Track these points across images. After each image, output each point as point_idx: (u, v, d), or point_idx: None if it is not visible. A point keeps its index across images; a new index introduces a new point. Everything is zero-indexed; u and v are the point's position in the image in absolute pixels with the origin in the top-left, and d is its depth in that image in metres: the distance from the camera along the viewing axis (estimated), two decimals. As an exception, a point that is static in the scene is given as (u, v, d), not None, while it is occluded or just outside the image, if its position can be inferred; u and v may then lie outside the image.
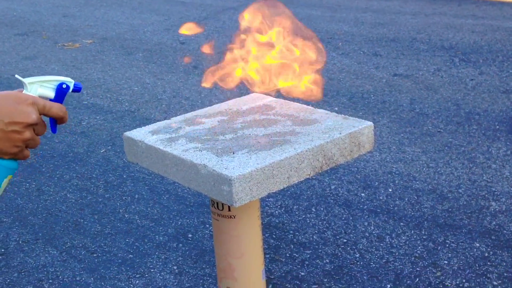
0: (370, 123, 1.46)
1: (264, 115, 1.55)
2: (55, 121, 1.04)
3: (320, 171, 1.38)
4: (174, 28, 6.41)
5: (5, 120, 0.95)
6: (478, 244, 2.43)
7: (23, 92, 1.03)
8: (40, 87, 1.03)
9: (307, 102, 1.58)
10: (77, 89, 1.06)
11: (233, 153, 1.32)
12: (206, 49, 1.80)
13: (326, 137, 1.38)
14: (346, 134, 1.40)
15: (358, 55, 5.05)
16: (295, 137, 1.39)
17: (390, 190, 2.89)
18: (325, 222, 2.67)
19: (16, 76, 1.08)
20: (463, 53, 4.86)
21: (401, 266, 2.33)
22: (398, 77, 4.44)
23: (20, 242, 2.67)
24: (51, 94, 1.04)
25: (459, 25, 5.69)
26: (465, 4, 6.54)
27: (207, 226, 2.69)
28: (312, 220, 2.69)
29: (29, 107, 0.97)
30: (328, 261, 2.40)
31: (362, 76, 4.52)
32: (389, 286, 2.24)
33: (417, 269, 2.31)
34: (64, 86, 1.04)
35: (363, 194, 2.87)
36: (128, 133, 1.51)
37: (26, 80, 1.03)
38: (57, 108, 1.02)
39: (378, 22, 6.03)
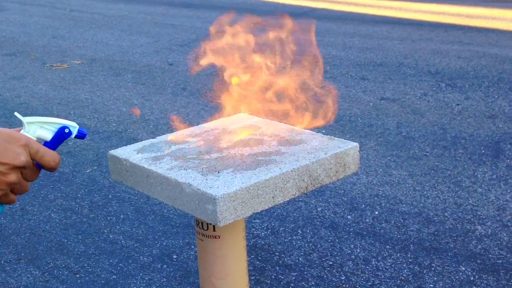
0: (355, 144, 1.46)
1: (250, 134, 1.55)
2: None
3: (305, 192, 1.37)
4: (163, 50, 6.43)
5: None
6: (463, 268, 2.42)
7: (21, 131, 0.94)
8: (40, 128, 0.95)
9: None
10: (81, 136, 0.96)
11: (218, 172, 1.32)
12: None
13: (311, 157, 1.38)
14: (331, 154, 1.40)
15: (345, 78, 5.08)
16: (280, 157, 1.39)
17: (376, 212, 2.89)
18: (311, 244, 2.66)
19: (16, 114, 0.99)
20: (449, 78, 4.91)
21: (387, 289, 2.32)
22: (385, 101, 4.47)
23: (2, 262, 2.63)
24: (49, 137, 0.95)
25: (445, 50, 5.76)
26: (452, 31, 6.63)
27: (192, 247, 2.67)
28: (298, 242, 2.68)
29: (19, 148, 0.88)
30: (313, 283, 2.38)
31: (349, 100, 4.54)
32: (374, 309, 2.22)
33: (403, 292, 2.30)
34: (66, 130, 0.95)
35: (349, 217, 2.87)
36: (113, 152, 1.50)
37: (25, 120, 0.94)
38: (50, 157, 0.92)
39: (365, 47, 6.09)
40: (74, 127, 0.96)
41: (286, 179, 1.32)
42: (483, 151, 3.51)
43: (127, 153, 1.48)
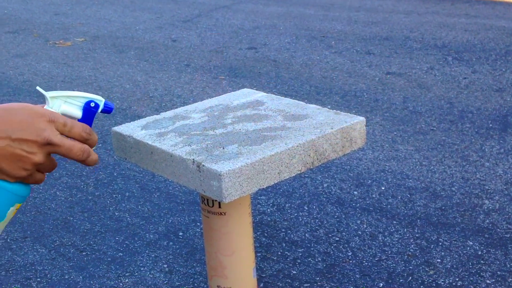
0: (362, 118, 1.43)
1: (255, 110, 1.53)
2: None
3: (311, 167, 1.35)
4: (166, 26, 6.38)
5: (12, 136, 0.79)
6: (471, 243, 2.41)
7: (45, 107, 0.87)
8: (64, 103, 0.87)
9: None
10: (108, 110, 0.89)
11: (223, 148, 1.30)
12: None
13: (317, 132, 1.35)
14: (337, 129, 1.37)
15: (351, 53, 5.03)
16: (286, 132, 1.36)
17: (383, 188, 2.87)
18: (317, 220, 2.65)
19: (38, 88, 0.90)
20: (456, 52, 4.85)
21: (394, 265, 2.31)
22: (391, 76, 4.43)
23: (8, 240, 2.63)
24: (77, 113, 0.88)
25: (452, 24, 5.68)
26: (458, 3, 6.54)
27: (198, 224, 2.66)
28: (304, 218, 2.67)
29: (45, 124, 0.81)
30: (320, 259, 2.38)
31: (355, 75, 4.50)
32: (381, 284, 2.22)
33: (410, 267, 2.29)
34: (92, 104, 0.88)
35: (355, 192, 2.85)
36: (116, 128, 1.48)
37: (48, 94, 0.87)
38: (79, 128, 0.85)
39: (371, 21, 6.02)
40: (100, 100, 0.89)
41: (291, 154, 1.29)
42: (490, 125, 3.47)
43: (131, 129, 1.46)
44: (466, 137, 3.35)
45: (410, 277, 2.24)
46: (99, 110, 0.89)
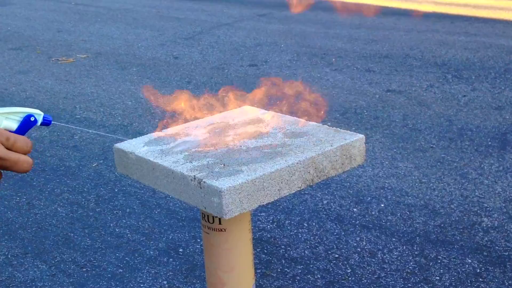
0: (361, 136, 1.45)
1: (256, 127, 1.55)
2: None
3: (311, 184, 1.37)
4: (168, 44, 6.42)
5: None
6: (470, 260, 2.42)
7: None
8: (5, 119, 0.95)
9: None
10: (46, 123, 0.99)
11: (224, 165, 1.31)
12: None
13: (317, 149, 1.37)
14: (337, 146, 1.39)
15: (351, 71, 5.06)
16: (286, 149, 1.38)
17: (382, 205, 2.88)
18: (317, 237, 2.66)
19: None
20: (456, 70, 4.88)
21: (393, 282, 2.32)
22: (391, 93, 4.45)
23: (9, 256, 2.64)
24: (15, 127, 0.96)
25: (451, 42, 5.72)
26: (458, 22, 6.59)
27: (198, 240, 2.67)
28: (304, 235, 2.68)
29: None
30: (319, 276, 2.38)
31: (355, 92, 4.53)
32: (381, 301, 2.22)
33: (409, 285, 2.29)
34: (32, 119, 0.97)
35: (355, 209, 2.86)
36: (118, 145, 1.50)
37: None
38: (22, 142, 0.91)
39: (371, 39, 6.06)
40: (39, 114, 0.98)
41: (291, 171, 1.31)
42: (489, 143, 3.49)
43: (133, 146, 1.48)
44: (465, 154, 3.36)
45: (410, 294, 2.24)
46: (38, 123, 0.98)
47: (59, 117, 4.39)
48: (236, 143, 1.45)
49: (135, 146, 1.48)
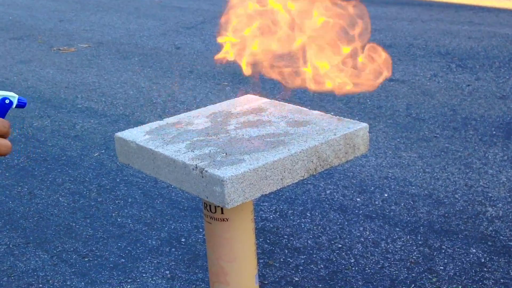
0: (365, 125, 1.43)
1: (258, 116, 1.53)
2: None
3: (314, 173, 1.35)
4: (170, 33, 6.39)
5: None
6: (474, 250, 2.40)
7: None
8: None
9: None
10: (21, 105, 1.00)
11: (226, 154, 1.30)
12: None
13: (320, 138, 1.35)
14: (340, 135, 1.37)
15: (354, 60, 5.03)
16: (288, 138, 1.36)
17: (386, 195, 2.86)
18: (320, 227, 2.64)
19: None
20: (460, 59, 4.85)
21: (397, 272, 2.30)
22: (394, 83, 4.43)
23: (11, 246, 2.63)
24: None
25: (455, 31, 5.68)
26: (462, 11, 6.54)
27: (201, 230, 2.66)
28: (307, 225, 2.66)
29: None
30: (322, 266, 2.37)
31: (358, 81, 4.49)
32: (384, 292, 2.21)
33: (413, 274, 2.28)
34: (7, 101, 0.99)
35: (358, 199, 2.85)
36: (119, 134, 1.48)
37: None
38: None
39: (374, 28, 6.02)
40: (13, 96, 0.99)
41: (294, 160, 1.29)
42: (494, 132, 3.47)
43: (134, 135, 1.46)
44: (469, 144, 3.34)
45: (413, 285, 2.23)
46: (13, 106, 1.00)
47: (61, 106, 4.37)
48: (238, 132, 1.43)
49: (137, 135, 1.46)
